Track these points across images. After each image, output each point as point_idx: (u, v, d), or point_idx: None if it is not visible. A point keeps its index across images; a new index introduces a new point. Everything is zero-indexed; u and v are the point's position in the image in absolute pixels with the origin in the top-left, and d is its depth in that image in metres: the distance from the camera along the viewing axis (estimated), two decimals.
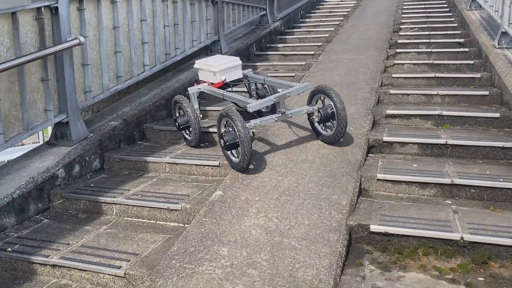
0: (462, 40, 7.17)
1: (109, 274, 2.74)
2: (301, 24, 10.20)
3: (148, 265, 2.75)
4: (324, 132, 4.07)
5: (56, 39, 4.01)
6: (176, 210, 3.34)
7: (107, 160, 4.31)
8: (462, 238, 2.76)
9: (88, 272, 2.80)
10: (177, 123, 4.37)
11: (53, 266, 2.88)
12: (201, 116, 4.69)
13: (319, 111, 3.92)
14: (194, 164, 4.04)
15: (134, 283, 2.68)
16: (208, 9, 6.94)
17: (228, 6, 7.61)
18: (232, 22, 7.86)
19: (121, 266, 2.75)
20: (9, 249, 3.02)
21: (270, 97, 3.94)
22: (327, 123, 4.02)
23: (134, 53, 5.09)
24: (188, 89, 4.68)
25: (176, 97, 4.47)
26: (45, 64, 3.94)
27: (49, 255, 2.93)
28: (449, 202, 3.33)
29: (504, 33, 5.95)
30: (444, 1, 10.53)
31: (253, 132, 3.80)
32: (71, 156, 3.97)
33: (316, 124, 4.07)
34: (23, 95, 3.73)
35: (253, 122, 3.74)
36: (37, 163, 3.82)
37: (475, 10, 8.20)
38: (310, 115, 4.05)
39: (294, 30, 9.60)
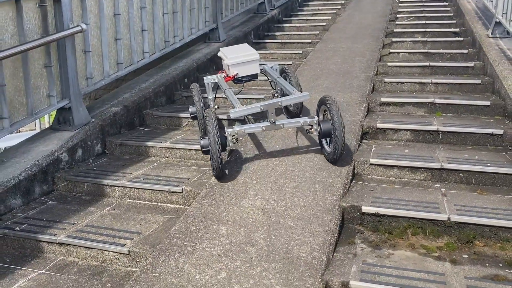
0: (457, 29, 7.27)
1: (114, 252, 2.88)
2: (298, 13, 10.25)
3: (150, 243, 2.89)
4: (326, 147, 3.65)
5: (59, 26, 4.11)
6: (177, 192, 3.47)
7: (109, 145, 4.43)
8: (449, 218, 2.91)
9: (93, 249, 2.94)
10: (189, 111, 4.37)
11: (60, 244, 3.02)
12: (215, 106, 4.51)
13: (319, 124, 3.50)
14: (194, 149, 4.17)
15: (138, 260, 2.82)
16: None
17: None
18: (230, 10, 7.92)
19: (125, 244, 2.89)
20: (17, 228, 3.16)
21: (256, 104, 3.63)
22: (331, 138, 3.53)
23: (134, 40, 5.18)
24: (204, 78, 4.56)
25: (191, 85, 4.42)
26: (48, 51, 4.04)
27: (56, 234, 3.06)
28: (439, 185, 3.47)
29: (498, 23, 6.07)
30: None
31: (236, 139, 3.50)
32: (74, 141, 4.09)
33: (318, 137, 3.69)
34: (27, 81, 3.84)
35: (236, 128, 3.51)
36: (41, 147, 3.94)
37: None
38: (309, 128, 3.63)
39: (292, 18, 9.67)
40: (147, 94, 5.19)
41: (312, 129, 3.58)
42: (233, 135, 3.49)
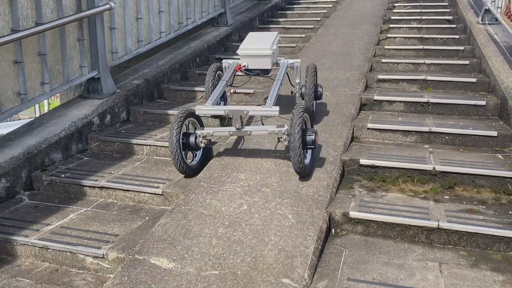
0: (450, 17, 7.75)
1: (149, 193, 3.38)
2: (300, 1, 10.70)
3: (180, 186, 3.39)
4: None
5: (90, 4, 4.57)
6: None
7: (133, 113, 4.91)
8: (434, 168, 3.42)
9: (131, 192, 3.44)
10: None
11: (101, 188, 3.51)
12: (231, 90, 4.24)
13: (288, 135, 3.29)
14: (209, 116, 4.64)
15: (170, 199, 3.32)
16: None
17: None
18: None
19: (158, 187, 3.39)
20: (63, 176, 3.65)
21: (220, 106, 3.72)
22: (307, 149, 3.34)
23: (152, 20, 5.65)
24: (223, 60, 4.39)
25: (211, 65, 4.35)
26: (81, 26, 4.51)
27: (97, 180, 3.56)
28: (427, 146, 3.98)
29: (487, 10, 6.56)
30: None
31: (208, 140, 3.60)
32: (104, 107, 4.57)
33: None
34: (63, 52, 4.31)
35: (206, 130, 3.57)
36: (75, 111, 4.42)
37: None
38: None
39: (294, 6, 10.12)
40: (164, 70, 5.67)
41: (282, 139, 3.41)
42: (202, 136, 3.56)
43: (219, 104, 4.20)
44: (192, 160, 3.69)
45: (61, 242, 2.88)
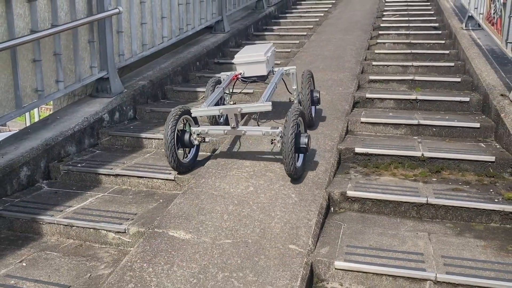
0: (437, 24, 8.18)
1: (162, 179, 3.65)
2: (293, 10, 11.11)
3: (191, 173, 3.67)
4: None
5: (99, 8, 4.86)
6: (205, 142, 4.20)
7: (139, 111, 5.19)
8: (422, 154, 3.75)
9: (144, 178, 3.71)
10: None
11: (116, 175, 3.78)
12: (226, 99, 4.38)
13: (281, 137, 3.29)
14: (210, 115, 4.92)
15: (181, 184, 3.60)
16: None
17: None
18: (233, 4, 8.74)
19: (170, 173, 3.67)
20: (79, 165, 3.91)
21: (215, 107, 3.68)
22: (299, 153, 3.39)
23: (156, 25, 5.96)
24: (221, 74, 4.52)
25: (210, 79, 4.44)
26: (92, 29, 4.80)
27: (112, 168, 3.83)
28: (416, 137, 4.31)
29: (471, 17, 6.98)
30: None
31: (203, 138, 3.67)
32: (113, 105, 4.84)
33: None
34: (76, 53, 4.59)
35: (201, 128, 3.64)
36: (86, 108, 4.69)
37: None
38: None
39: (287, 15, 10.51)
40: (167, 73, 5.96)
41: (275, 141, 3.41)
42: (197, 134, 3.62)
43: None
44: (185, 157, 3.73)
45: (84, 220, 3.14)
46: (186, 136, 3.63)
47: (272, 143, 3.47)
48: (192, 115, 3.67)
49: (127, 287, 2.44)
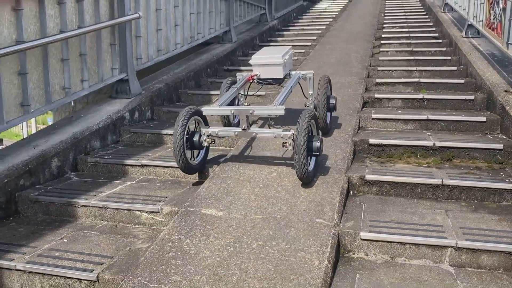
0: (436, 34, 8.49)
1: None
2: (295, 24, 11.46)
3: (213, 162, 3.85)
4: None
5: (120, 13, 5.10)
6: (224, 136, 4.37)
7: (156, 112, 5.39)
8: (434, 144, 3.95)
9: (170, 168, 3.88)
10: None
11: (142, 166, 3.95)
12: (241, 100, 4.40)
13: (293, 139, 3.21)
14: (224, 115, 5.10)
15: (206, 173, 3.77)
16: (222, 3, 8.11)
17: (236, 2, 8.80)
18: (239, 16, 9.05)
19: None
20: (106, 157, 4.09)
21: (227, 107, 3.62)
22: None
23: (170, 32, 6.20)
24: (237, 74, 4.56)
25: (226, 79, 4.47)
26: (113, 33, 5.03)
27: (138, 159, 4.00)
28: (425, 131, 4.52)
29: (470, 25, 7.28)
30: (421, 7, 11.97)
31: (213, 139, 3.59)
32: (133, 104, 5.04)
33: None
34: (99, 54, 4.81)
35: (211, 129, 3.55)
36: (108, 107, 4.88)
37: (448, 12, 9.57)
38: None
39: (290, 28, 10.84)
40: (181, 77, 6.19)
41: (287, 143, 3.31)
42: (207, 135, 3.52)
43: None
44: (194, 159, 3.64)
45: (118, 202, 3.31)
46: (196, 138, 3.54)
47: (283, 146, 3.36)
48: (203, 113, 3.59)
49: (168, 255, 2.60)
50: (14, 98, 3.80)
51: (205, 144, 3.58)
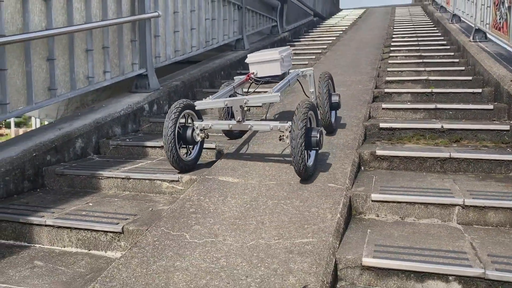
0: (444, 42, 8.67)
1: (204, 148, 3.98)
2: (305, 36, 11.74)
3: (228, 143, 4.02)
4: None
5: (140, 11, 5.37)
6: (219, 129, 4.52)
7: None
8: (442, 126, 4.09)
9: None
10: None
11: (161, 147, 4.13)
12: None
13: (291, 131, 2.99)
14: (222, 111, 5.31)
15: (222, 152, 3.94)
16: (235, 12, 8.41)
17: (249, 12, 9.11)
18: (252, 26, 9.34)
19: (212, 143, 4.01)
20: (127, 140, 4.28)
21: (220, 99, 3.49)
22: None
23: (186, 35, 6.47)
24: (235, 77, 4.52)
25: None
26: (134, 29, 5.29)
27: (158, 141, 4.19)
28: (434, 119, 4.66)
29: (477, 30, 7.45)
30: (430, 21, 12.22)
31: (206, 134, 3.49)
32: (152, 98, 5.26)
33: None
34: (120, 49, 5.06)
35: (204, 123, 3.45)
36: (128, 99, 5.10)
37: (455, 23, 9.78)
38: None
39: (300, 39, 11.13)
40: (196, 77, 6.42)
41: (284, 136, 3.14)
42: (200, 129, 3.41)
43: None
44: (187, 155, 3.52)
45: (140, 172, 3.48)
46: (189, 132, 3.40)
47: (280, 140, 3.17)
48: (196, 108, 3.45)
49: (189, 211, 2.75)
50: (42, 81, 4.03)
51: (198, 138, 3.45)
